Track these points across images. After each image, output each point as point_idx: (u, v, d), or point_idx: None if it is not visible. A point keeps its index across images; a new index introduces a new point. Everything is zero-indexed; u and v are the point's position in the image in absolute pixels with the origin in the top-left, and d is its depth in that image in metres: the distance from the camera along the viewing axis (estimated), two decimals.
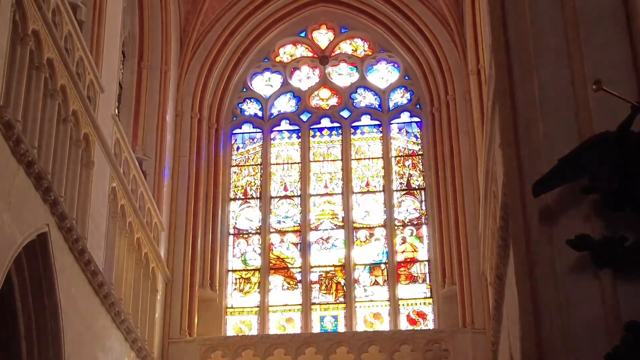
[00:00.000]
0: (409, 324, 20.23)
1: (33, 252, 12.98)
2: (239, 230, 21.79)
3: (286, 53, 23.77)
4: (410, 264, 20.94)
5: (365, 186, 21.97)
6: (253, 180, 22.35)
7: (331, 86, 23.35)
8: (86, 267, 14.75)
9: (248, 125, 23.00)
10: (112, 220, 16.54)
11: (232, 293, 21.06)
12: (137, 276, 17.90)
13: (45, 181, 13.00)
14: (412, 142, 22.30)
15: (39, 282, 13.23)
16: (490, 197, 15.59)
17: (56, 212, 13.46)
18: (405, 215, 21.45)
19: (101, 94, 16.02)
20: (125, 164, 17.57)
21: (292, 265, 21.26)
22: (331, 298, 20.84)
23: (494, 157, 14.26)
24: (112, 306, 15.96)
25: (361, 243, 21.30)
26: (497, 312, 15.82)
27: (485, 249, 17.88)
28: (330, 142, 22.66)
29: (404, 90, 22.89)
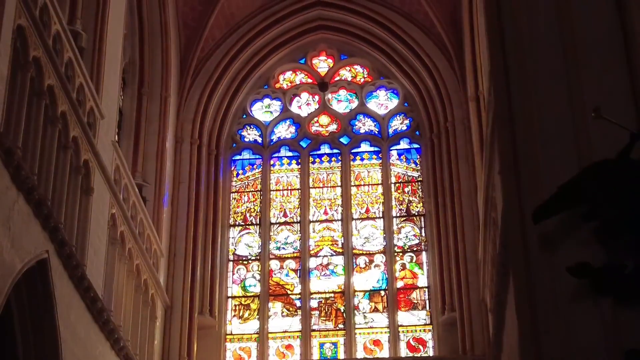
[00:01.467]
0: (409, 351, 20.18)
1: (32, 278, 12.96)
2: (238, 256, 21.77)
3: (286, 80, 23.86)
4: (410, 290, 20.91)
5: (365, 212, 21.98)
6: (253, 206, 22.36)
7: (331, 113, 23.42)
8: (85, 294, 14.72)
9: (248, 152, 23.04)
10: (112, 247, 16.53)
11: (231, 320, 21.02)
12: (137, 303, 17.86)
13: (45, 208, 13.00)
14: (412, 169, 22.33)
15: (38, 308, 13.20)
16: (490, 223, 15.58)
17: (56, 239, 13.45)
18: (404, 242, 21.44)
19: (101, 121, 16.06)
20: (125, 190, 17.58)
21: (292, 292, 21.23)
22: (331, 325, 20.79)
23: (494, 183, 14.26)
24: (111, 333, 15.91)
25: (361, 269, 21.28)
26: (497, 339, 15.75)
27: (485, 276, 17.85)
28: (330, 169, 22.69)
29: (403, 117, 22.96)
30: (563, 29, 7.62)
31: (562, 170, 6.83)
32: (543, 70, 7.62)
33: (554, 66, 7.60)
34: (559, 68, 7.56)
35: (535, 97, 7.54)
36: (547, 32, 7.69)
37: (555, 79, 7.55)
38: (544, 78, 7.59)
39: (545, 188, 6.85)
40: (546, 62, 7.65)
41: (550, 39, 7.66)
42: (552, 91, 7.52)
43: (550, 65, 7.62)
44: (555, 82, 7.54)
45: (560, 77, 7.52)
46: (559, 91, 7.48)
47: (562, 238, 6.61)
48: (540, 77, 7.60)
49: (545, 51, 7.69)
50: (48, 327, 13.36)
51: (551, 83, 7.56)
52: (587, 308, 6.23)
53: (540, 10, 7.73)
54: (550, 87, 7.54)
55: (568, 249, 6.52)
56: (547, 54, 7.67)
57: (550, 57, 7.64)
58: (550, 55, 7.66)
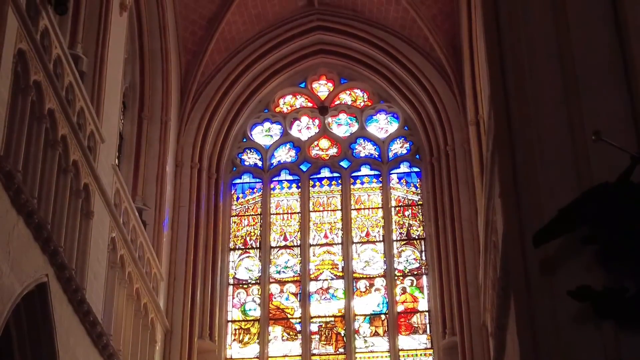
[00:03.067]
0: None
1: (32, 302, 12.93)
2: (238, 280, 21.73)
3: (286, 103, 23.90)
4: (411, 314, 20.84)
5: (365, 236, 21.95)
6: (253, 230, 22.33)
7: (331, 136, 23.44)
8: (85, 318, 14.67)
9: (248, 175, 23.04)
10: (112, 271, 16.50)
11: (231, 344, 20.94)
12: (136, 327, 17.80)
13: (44, 231, 12.99)
14: (412, 192, 22.32)
15: (37, 332, 13.16)
16: (491, 247, 15.56)
17: (55, 263, 13.43)
18: (405, 266, 21.41)
19: (102, 144, 16.08)
20: (125, 214, 17.57)
21: (292, 316, 21.17)
22: (331, 349, 20.72)
23: (494, 207, 14.25)
24: (110, 357, 15.84)
25: (361, 293, 21.23)
26: None
27: (485, 300, 17.81)
28: (330, 192, 22.68)
29: (403, 141, 22.98)
30: (562, 53, 7.64)
31: (563, 194, 6.83)
32: (543, 94, 7.63)
33: (554, 90, 7.61)
34: (559, 92, 7.57)
35: (535, 121, 7.55)
36: (547, 57, 7.71)
37: (555, 103, 7.56)
38: (544, 102, 7.60)
39: (546, 211, 6.85)
40: (546, 86, 7.66)
41: (550, 63, 7.68)
42: (551, 115, 7.53)
43: (550, 89, 7.62)
44: (555, 106, 7.55)
45: (560, 101, 7.53)
46: (559, 115, 7.48)
47: (562, 261, 6.60)
48: (540, 101, 7.61)
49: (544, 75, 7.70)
50: (47, 351, 13.31)
51: (551, 107, 7.56)
52: (589, 331, 6.21)
53: (539, 35, 7.75)
54: (550, 111, 7.55)
55: (569, 272, 6.50)
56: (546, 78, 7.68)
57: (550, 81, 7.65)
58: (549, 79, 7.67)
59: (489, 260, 16.05)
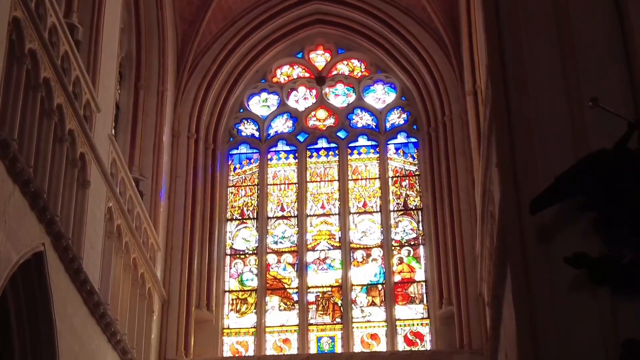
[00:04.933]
0: (407, 345, 20.17)
1: (28, 271, 12.94)
2: (235, 250, 21.74)
3: (283, 74, 23.81)
4: (408, 284, 20.89)
5: (362, 207, 21.95)
6: (250, 200, 22.33)
7: (328, 107, 23.38)
8: (82, 287, 14.69)
9: (245, 146, 23.00)
10: (108, 240, 16.50)
11: (228, 314, 20.99)
12: (133, 296, 17.84)
13: (41, 200, 12.98)
14: (409, 163, 22.30)
15: (34, 301, 13.18)
16: (488, 217, 15.57)
17: (52, 232, 13.43)
18: (402, 236, 21.42)
19: (98, 114, 16.02)
20: (121, 184, 17.55)
21: (289, 286, 21.20)
22: (328, 319, 20.77)
23: (491, 177, 14.25)
24: (107, 326, 15.89)
25: (358, 263, 21.26)
26: (495, 333, 15.75)
27: (482, 270, 17.85)
28: (327, 163, 22.65)
29: (400, 111, 22.93)
30: (560, 22, 7.59)
31: (560, 162, 6.80)
32: (540, 63, 7.59)
33: (551, 59, 7.57)
34: (556, 60, 7.54)
35: (532, 90, 7.52)
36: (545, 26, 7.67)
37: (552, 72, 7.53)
38: (541, 71, 7.56)
39: (543, 180, 6.83)
40: (543, 55, 7.62)
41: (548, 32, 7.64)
42: (549, 83, 7.49)
43: (548, 57, 7.59)
44: (552, 74, 7.52)
45: (558, 69, 7.49)
46: (556, 83, 7.45)
47: (559, 229, 6.59)
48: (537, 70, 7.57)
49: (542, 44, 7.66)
50: (44, 320, 13.34)
51: (548, 75, 7.53)
52: (585, 299, 6.21)
53: (538, 4, 7.71)
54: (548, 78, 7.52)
55: (565, 240, 6.49)
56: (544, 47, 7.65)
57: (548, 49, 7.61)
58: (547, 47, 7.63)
59: (486, 230, 16.07)
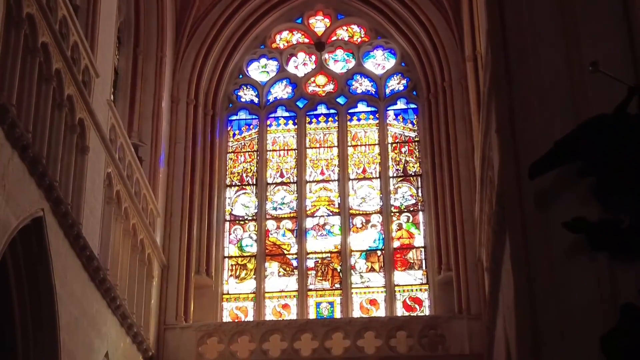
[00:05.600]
0: (405, 310, 20.24)
1: (28, 236, 12.96)
2: (235, 216, 21.76)
3: (282, 39, 23.69)
4: (407, 250, 20.93)
5: (362, 173, 21.95)
6: (249, 166, 22.31)
7: (327, 73, 23.29)
8: (81, 253, 14.72)
9: (244, 112, 22.93)
10: (108, 206, 16.50)
11: (228, 279, 21.04)
12: (133, 262, 17.87)
13: (40, 166, 12.96)
14: (409, 129, 22.26)
15: (33, 266, 13.21)
16: (487, 182, 15.57)
17: (51, 197, 13.43)
18: (401, 202, 21.43)
19: (96, 79, 15.96)
20: (120, 150, 17.53)
21: (288, 252, 21.24)
22: (327, 284, 20.83)
23: (491, 142, 14.22)
24: (107, 292, 15.93)
25: (357, 229, 21.28)
26: (493, 298, 15.80)
27: (481, 235, 17.88)
28: (327, 129, 22.61)
29: (400, 77, 22.85)
30: None
31: (559, 127, 6.80)
32: (540, 27, 7.57)
33: (552, 23, 7.54)
34: (557, 25, 7.51)
35: (533, 55, 7.50)
36: None
37: (552, 36, 7.50)
38: (541, 35, 7.54)
39: (542, 146, 6.82)
40: (543, 20, 7.59)
41: None
42: (549, 48, 7.47)
43: (548, 23, 7.56)
44: (553, 39, 7.49)
45: (558, 34, 7.46)
46: (556, 48, 7.43)
47: (558, 194, 6.60)
48: (537, 35, 7.55)
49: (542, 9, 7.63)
50: (44, 285, 13.37)
51: (548, 40, 7.51)
52: (583, 263, 6.23)
53: None
54: (548, 44, 7.49)
55: (564, 204, 6.51)
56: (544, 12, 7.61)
57: (548, 14, 7.58)
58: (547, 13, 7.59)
59: (485, 196, 16.07)
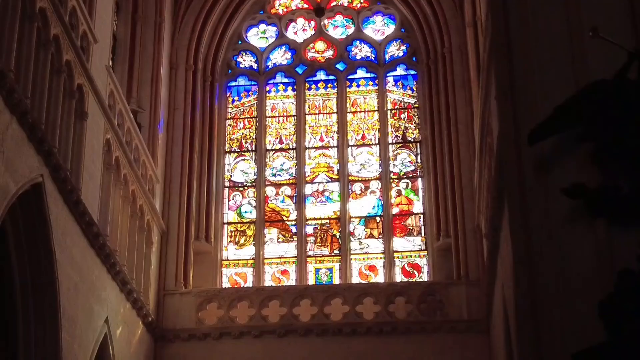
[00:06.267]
0: (404, 277, 20.29)
1: (27, 202, 12.96)
2: (234, 183, 21.76)
3: (282, 5, 23.56)
4: (405, 216, 20.95)
5: (361, 139, 21.92)
6: (248, 133, 22.28)
7: (327, 38, 23.18)
8: (81, 218, 14.73)
9: (243, 78, 22.86)
10: (107, 172, 16.49)
11: (227, 245, 21.08)
12: (132, 228, 17.89)
13: (39, 131, 12.94)
14: (408, 95, 22.20)
15: (33, 232, 13.22)
16: (486, 149, 15.56)
17: (50, 163, 13.41)
18: (400, 168, 21.43)
19: (95, 45, 15.88)
20: (119, 116, 17.48)
21: (288, 218, 21.27)
22: (326, 251, 20.88)
23: (490, 109, 14.20)
24: (107, 257, 15.97)
25: (356, 196, 21.29)
26: (492, 264, 15.85)
27: (480, 202, 17.89)
28: (326, 95, 22.55)
29: (400, 43, 22.74)
30: None
31: (559, 93, 6.78)
32: None
33: None
34: None
35: (532, 21, 7.46)
36: None
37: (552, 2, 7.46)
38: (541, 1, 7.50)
39: (541, 111, 6.81)
40: None
41: None
42: (549, 13, 7.43)
43: None
44: (553, 5, 7.45)
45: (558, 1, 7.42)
46: (556, 13, 7.39)
47: (557, 160, 6.59)
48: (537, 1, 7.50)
49: None
50: (44, 251, 13.39)
51: (548, 6, 7.47)
52: (581, 229, 6.24)
53: None
54: (548, 9, 7.45)
55: (563, 170, 6.51)
56: None
57: None
58: None
59: (484, 163, 16.07)
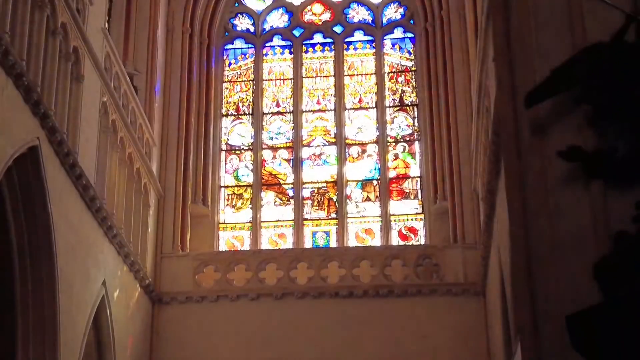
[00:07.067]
0: (400, 240, 20.36)
1: (24, 165, 12.95)
2: (231, 146, 21.75)
3: None
4: (402, 180, 20.97)
5: (358, 102, 21.88)
6: (245, 96, 22.23)
7: (324, 1, 23.07)
8: (77, 181, 14.73)
9: (240, 41, 22.77)
10: (103, 135, 16.47)
11: (224, 209, 21.11)
12: (129, 191, 17.90)
13: (34, 94, 12.90)
14: (405, 58, 22.13)
15: (30, 195, 13.23)
16: (483, 112, 15.54)
17: (46, 126, 13.39)
18: (397, 132, 21.42)
19: (90, 7, 15.80)
20: (115, 79, 17.42)
21: (284, 182, 21.29)
22: (323, 214, 20.92)
23: (487, 72, 14.16)
24: (104, 220, 15.99)
25: (353, 159, 21.30)
26: (488, 227, 15.90)
27: (477, 165, 17.90)
28: (323, 58, 22.48)
29: (397, 5, 22.63)
30: None
31: (556, 55, 6.74)
32: None
33: None
34: None
35: None
36: None
37: None
38: None
39: (539, 73, 6.78)
40: None
41: None
42: None
43: None
44: None
45: None
46: None
47: (553, 122, 6.57)
48: None
49: None
50: (40, 214, 13.41)
51: None
52: (577, 192, 6.22)
53: None
54: None
55: (560, 133, 6.48)
56: None
57: None
58: None
59: (481, 125, 16.06)
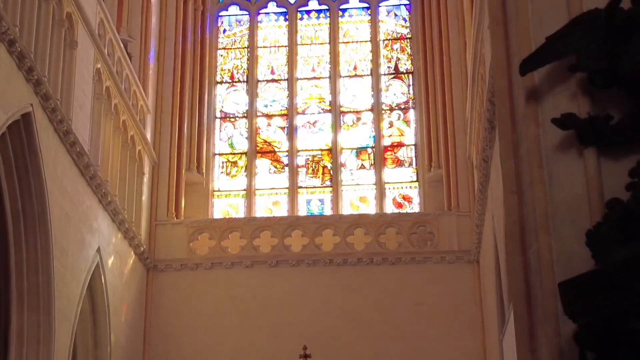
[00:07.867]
0: (395, 207, 20.38)
1: (17, 132, 12.92)
2: (225, 113, 21.70)
3: None
4: (397, 147, 20.97)
5: (353, 70, 21.82)
6: (240, 63, 22.15)
7: None
8: (71, 148, 14.71)
9: (234, 7, 22.65)
10: (97, 102, 16.42)
11: (219, 176, 21.11)
12: (124, 158, 17.88)
13: (28, 60, 12.84)
14: (401, 26, 22.04)
15: (24, 162, 13.21)
16: (478, 80, 15.52)
17: (40, 92, 13.34)
18: (392, 99, 21.38)
19: None
20: (109, 45, 17.34)
21: (279, 149, 21.27)
22: (318, 182, 20.92)
23: (483, 39, 14.12)
24: (98, 187, 15.98)
25: (348, 127, 21.28)
26: (482, 195, 15.93)
27: (472, 133, 17.90)
28: (318, 25, 22.38)
29: None
30: None
31: (552, 22, 6.72)
32: None
33: None
34: None
35: None
36: None
37: None
38: None
39: (534, 41, 6.76)
40: None
41: None
42: None
43: None
44: None
45: None
46: None
47: (548, 90, 6.56)
48: None
49: None
50: (35, 180, 13.39)
51: None
52: (571, 159, 6.23)
53: None
54: None
55: (554, 100, 6.48)
56: None
57: None
58: None
59: (476, 93, 16.04)
